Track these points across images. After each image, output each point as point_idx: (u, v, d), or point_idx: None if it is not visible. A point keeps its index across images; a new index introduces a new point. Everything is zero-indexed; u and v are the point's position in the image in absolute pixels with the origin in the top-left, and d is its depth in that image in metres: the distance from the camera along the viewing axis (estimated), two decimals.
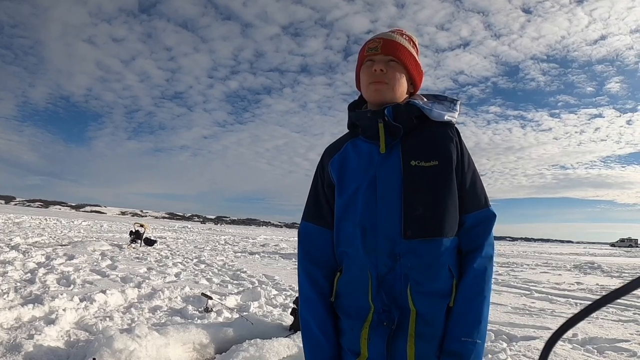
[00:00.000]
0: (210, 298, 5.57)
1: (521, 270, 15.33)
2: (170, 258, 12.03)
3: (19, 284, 6.26)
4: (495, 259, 1.31)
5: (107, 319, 4.71)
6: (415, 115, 1.34)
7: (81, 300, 5.27)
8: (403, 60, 1.38)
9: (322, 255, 1.40)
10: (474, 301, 1.22)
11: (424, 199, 1.26)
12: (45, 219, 37.56)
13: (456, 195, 1.29)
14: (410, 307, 1.23)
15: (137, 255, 11.91)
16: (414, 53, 1.42)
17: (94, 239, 16.43)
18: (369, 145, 1.38)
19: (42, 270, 7.48)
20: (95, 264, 9.21)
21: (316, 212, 1.44)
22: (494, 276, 1.37)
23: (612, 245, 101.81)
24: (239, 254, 16.06)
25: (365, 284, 1.28)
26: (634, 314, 7.01)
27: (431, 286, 1.24)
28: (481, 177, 1.36)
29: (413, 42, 1.44)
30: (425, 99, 1.44)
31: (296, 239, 1.59)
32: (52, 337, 3.87)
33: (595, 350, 4.60)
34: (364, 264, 1.29)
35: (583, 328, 5.56)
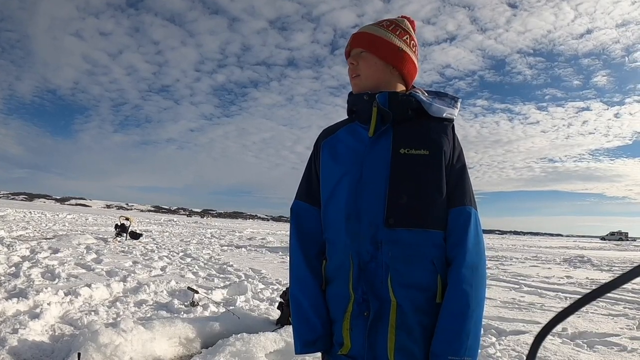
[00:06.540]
0: (197, 292, 5.54)
1: (510, 264, 15.45)
2: (156, 252, 11.96)
3: (3, 277, 6.17)
4: (484, 257, 1.27)
5: (93, 313, 4.66)
6: (412, 107, 1.33)
7: (66, 294, 5.19)
8: (372, 49, 1.38)
9: (314, 234, 1.39)
10: (459, 317, 1.19)
11: (410, 188, 1.25)
12: (30, 212, 37.12)
13: (444, 188, 1.27)
14: (391, 297, 1.21)
15: (123, 249, 11.82)
16: (394, 40, 1.39)
17: (79, 232, 16.30)
18: (362, 129, 1.37)
19: (26, 264, 7.38)
20: (80, 257, 9.13)
21: (308, 190, 1.43)
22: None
23: (602, 238, 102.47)
24: (226, 247, 16.02)
25: (347, 271, 1.27)
26: (624, 308, 7.04)
27: (412, 278, 1.22)
28: (469, 170, 1.35)
29: (401, 30, 1.42)
30: (426, 94, 1.43)
31: (283, 232, 1.57)
32: (36, 332, 3.82)
33: (585, 345, 4.61)
34: (346, 250, 1.28)
35: (573, 322, 5.59)
